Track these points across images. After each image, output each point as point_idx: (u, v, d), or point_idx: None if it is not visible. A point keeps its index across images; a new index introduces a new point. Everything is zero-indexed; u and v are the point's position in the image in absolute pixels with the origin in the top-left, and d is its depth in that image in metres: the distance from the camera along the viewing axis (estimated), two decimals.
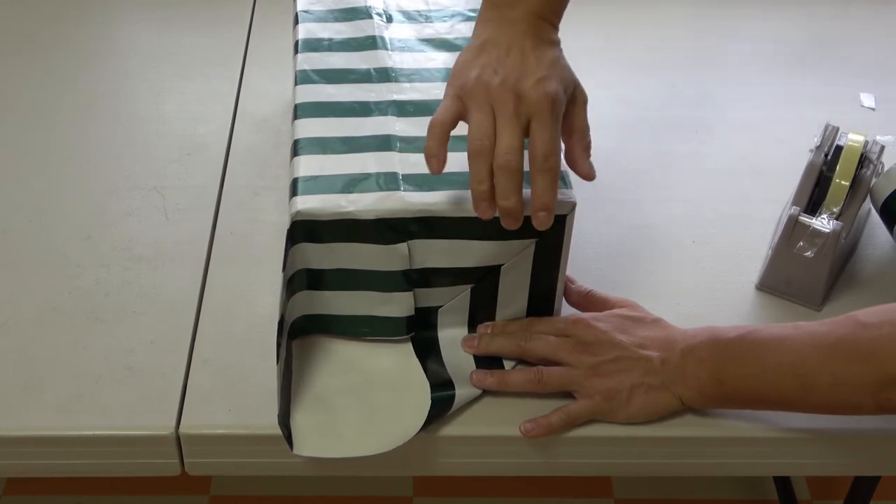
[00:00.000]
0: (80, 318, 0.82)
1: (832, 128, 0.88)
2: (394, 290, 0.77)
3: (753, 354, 0.72)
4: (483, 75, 0.71)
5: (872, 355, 0.68)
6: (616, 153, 1.00)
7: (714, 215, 0.94)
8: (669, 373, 0.74)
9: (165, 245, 0.88)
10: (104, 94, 1.04)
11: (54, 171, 0.95)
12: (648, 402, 0.75)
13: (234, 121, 1.01)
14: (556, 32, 0.76)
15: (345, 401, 0.76)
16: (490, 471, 0.79)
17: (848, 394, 0.69)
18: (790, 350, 0.71)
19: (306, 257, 0.76)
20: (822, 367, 0.69)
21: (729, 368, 0.73)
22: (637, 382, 0.75)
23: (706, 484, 1.59)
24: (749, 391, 0.73)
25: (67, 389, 0.76)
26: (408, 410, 0.75)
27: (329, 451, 0.73)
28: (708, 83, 1.09)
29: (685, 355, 0.74)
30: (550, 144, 0.70)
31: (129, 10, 1.16)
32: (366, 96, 0.84)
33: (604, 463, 0.79)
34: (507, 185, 0.69)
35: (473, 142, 0.70)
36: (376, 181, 0.76)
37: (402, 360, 0.79)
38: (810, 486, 1.60)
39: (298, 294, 0.78)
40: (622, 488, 1.58)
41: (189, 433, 0.75)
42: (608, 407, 0.75)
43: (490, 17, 0.75)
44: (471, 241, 0.75)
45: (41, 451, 0.75)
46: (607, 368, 0.75)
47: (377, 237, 0.74)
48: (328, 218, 0.74)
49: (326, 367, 0.79)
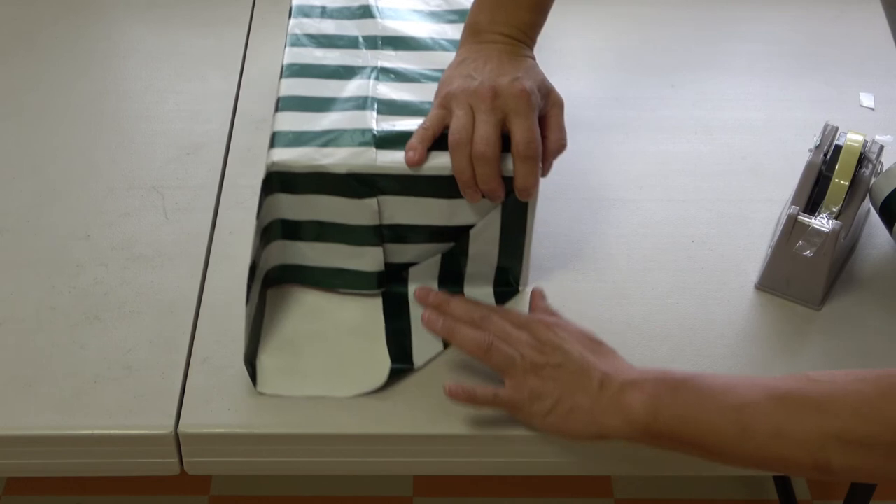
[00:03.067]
0: (79, 318, 0.82)
1: (831, 127, 0.88)
2: (364, 245, 0.81)
3: (698, 395, 0.69)
4: (463, 82, 0.78)
5: (821, 409, 0.64)
6: (615, 153, 1.00)
7: (713, 215, 0.94)
8: (603, 399, 0.71)
9: (165, 244, 0.88)
10: (103, 93, 1.04)
11: (53, 170, 0.95)
12: (568, 419, 0.72)
13: (233, 120, 1.01)
14: (531, 52, 0.84)
15: (312, 346, 0.80)
16: (490, 471, 0.79)
17: (787, 447, 0.65)
18: (737, 395, 0.67)
19: (281, 208, 0.80)
20: (768, 416, 0.66)
21: (667, 403, 0.69)
22: (566, 396, 0.72)
23: (706, 484, 1.59)
24: (683, 429, 0.68)
25: (66, 389, 0.76)
26: (373, 363, 0.78)
27: (291, 391, 0.77)
28: (708, 83, 1.09)
29: (626, 385, 0.71)
30: (530, 132, 0.76)
31: (128, 10, 1.16)
32: (352, 61, 0.88)
33: (604, 463, 0.79)
34: (486, 172, 0.76)
35: (453, 135, 0.76)
36: (351, 137, 0.79)
37: (371, 313, 0.82)
38: (810, 486, 1.60)
39: (274, 243, 0.81)
40: (622, 488, 1.58)
41: (188, 432, 0.75)
42: (529, 408, 0.73)
43: (469, 41, 0.84)
44: (438, 199, 0.79)
45: (40, 451, 0.76)
46: (547, 373, 0.73)
47: (348, 190, 0.78)
48: (301, 170, 0.78)
49: (297, 314, 0.83)
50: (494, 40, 0.82)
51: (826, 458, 0.64)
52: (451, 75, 0.81)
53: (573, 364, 0.73)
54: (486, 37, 0.83)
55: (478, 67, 0.79)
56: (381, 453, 0.77)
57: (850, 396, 0.64)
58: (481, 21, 0.83)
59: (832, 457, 0.64)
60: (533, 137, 0.76)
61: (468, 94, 0.77)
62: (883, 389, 0.64)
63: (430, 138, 0.77)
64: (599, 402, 0.71)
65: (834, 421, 0.64)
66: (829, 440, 0.64)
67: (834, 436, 0.64)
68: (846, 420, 0.64)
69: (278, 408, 0.76)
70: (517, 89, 0.76)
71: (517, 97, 0.76)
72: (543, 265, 0.88)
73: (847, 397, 0.64)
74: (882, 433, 0.63)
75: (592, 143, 1.00)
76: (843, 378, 0.65)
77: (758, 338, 0.83)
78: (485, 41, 0.82)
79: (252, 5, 1.16)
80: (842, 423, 0.64)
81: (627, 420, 0.70)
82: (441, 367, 0.80)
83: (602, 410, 0.70)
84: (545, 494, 1.56)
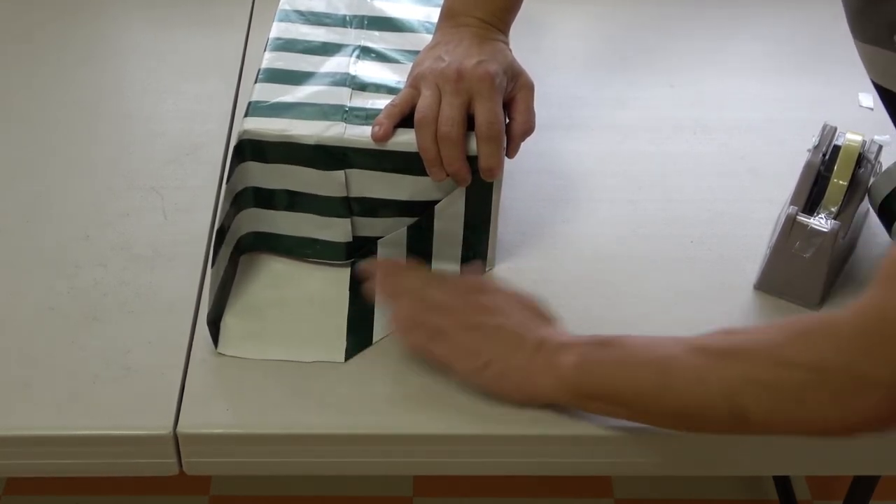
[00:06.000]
0: (78, 318, 0.82)
1: (830, 127, 0.88)
2: (333, 216, 0.83)
3: (622, 351, 0.72)
4: (433, 64, 0.81)
5: (736, 357, 0.66)
6: (615, 153, 1.00)
7: (712, 215, 0.94)
8: (538, 360, 0.74)
9: (164, 245, 0.88)
10: (103, 93, 1.05)
11: (52, 170, 0.95)
12: (501, 379, 0.75)
13: (232, 121, 1.01)
14: (504, 36, 0.86)
15: (276, 312, 0.82)
16: (490, 471, 0.79)
17: (705, 394, 0.67)
18: (659, 350, 0.71)
19: (252, 175, 0.82)
20: (686, 366, 0.68)
21: (595, 360, 0.72)
22: (501, 356, 0.75)
23: (706, 484, 1.59)
24: (609, 386, 0.72)
25: (65, 389, 0.76)
26: (336, 334, 0.81)
27: (251, 354, 0.79)
28: (707, 83, 1.09)
29: (560, 347, 0.74)
30: (492, 114, 0.78)
31: (128, 10, 1.16)
32: (336, 39, 0.90)
33: (604, 463, 0.79)
34: (450, 153, 0.78)
35: (418, 113, 0.78)
36: (323, 111, 0.81)
37: (338, 285, 0.84)
38: (810, 485, 1.60)
39: (247, 211, 0.84)
40: (622, 488, 1.58)
41: (187, 433, 0.75)
42: (464, 365, 0.75)
43: (444, 24, 0.86)
44: (404, 175, 0.81)
45: (39, 451, 0.76)
46: (483, 332, 0.76)
47: (316, 162, 0.80)
48: (272, 139, 0.80)
49: (265, 280, 0.85)
50: (468, 23, 0.84)
51: (741, 404, 0.65)
52: (423, 57, 0.83)
53: (511, 327, 0.76)
54: (460, 20, 0.85)
55: (449, 50, 0.82)
56: (382, 453, 0.77)
57: (761, 343, 0.66)
58: (456, 5, 0.86)
59: (747, 403, 0.65)
60: (495, 119, 0.78)
61: (436, 75, 0.79)
62: (791, 334, 0.65)
63: (397, 115, 0.80)
64: (534, 362, 0.74)
65: (747, 366, 0.65)
66: (744, 385, 0.65)
67: (748, 380, 0.65)
68: (757, 364, 0.65)
69: (277, 408, 0.76)
70: (481, 71, 0.79)
71: (481, 79, 0.78)
72: (543, 265, 0.88)
73: (759, 344, 0.66)
74: (791, 375, 0.63)
75: (591, 142, 1.00)
76: (758, 328, 0.69)
77: None
78: (459, 24, 0.85)
79: (251, 5, 1.16)
80: (753, 367, 0.65)
81: (559, 379, 0.73)
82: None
83: (536, 371, 0.74)
84: (545, 494, 1.57)
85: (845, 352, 0.61)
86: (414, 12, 0.94)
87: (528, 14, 0.89)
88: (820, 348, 0.63)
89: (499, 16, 0.86)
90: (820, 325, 0.64)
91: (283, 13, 0.93)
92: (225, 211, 0.81)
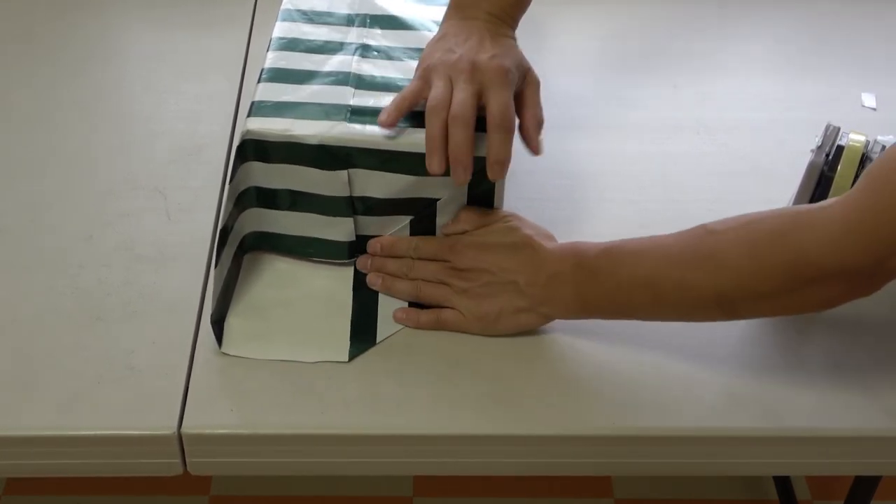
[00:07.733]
0: (82, 318, 0.82)
1: (833, 128, 0.88)
2: (336, 215, 0.83)
3: (610, 271, 0.77)
4: (444, 56, 0.81)
5: (712, 259, 0.72)
6: (616, 153, 1.00)
7: (715, 215, 0.93)
8: (536, 295, 0.79)
9: (167, 245, 0.88)
10: (105, 93, 1.05)
11: (55, 171, 0.95)
12: (516, 322, 0.81)
13: (235, 121, 1.01)
14: (512, 32, 0.86)
15: (279, 312, 0.82)
16: (490, 471, 0.79)
17: (693, 299, 0.74)
18: (643, 262, 0.76)
19: (255, 175, 0.82)
20: (669, 274, 0.74)
21: (590, 288, 0.78)
22: (505, 306, 0.80)
23: (706, 484, 1.59)
24: (610, 305, 0.78)
25: (69, 390, 0.76)
26: (340, 334, 0.81)
27: (255, 354, 0.79)
28: (708, 83, 1.09)
29: (551, 279, 0.79)
30: (504, 105, 0.78)
31: (129, 10, 1.16)
32: (338, 38, 0.90)
33: (604, 463, 0.79)
34: (459, 136, 0.77)
35: (430, 101, 0.78)
36: (326, 111, 0.82)
37: (342, 284, 0.85)
38: (810, 486, 1.60)
39: (250, 210, 0.84)
40: (622, 488, 1.58)
41: (191, 433, 0.75)
42: (478, 326, 0.81)
43: (452, 16, 0.86)
44: (408, 176, 0.81)
45: (42, 452, 0.76)
46: (478, 292, 0.81)
47: (320, 162, 0.80)
48: (275, 139, 0.80)
49: (268, 280, 0.85)
50: (477, 17, 0.84)
51: (729, 301, 0.73)
52: (432, 49, 0.83)
53: (496, 277, 0.80)
54: (469, 13, 0.85)
55: (458, 42, 0.82)
56: (381, 453, 0.77)
57: (742, 245, 0.72)
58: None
59: (735, 298, 0.72)
60: (507, 109, 0.78)
61: (447, 67, 0.79)
62: (769, 235, 0.71)
63: (405, 107, 0.80)
64: (535, 297, 0.79)
65: (724, 270, 0.72)
66: (725, 286, 0.72)
67: (729, 283, 0.72)
68: (743, 273, 0.71)
69: (281, 408, 0.76)
70: (496, 65, 0.79)
71: (494, 72, 0.79)
72: None
73: (740, 248, 0.72)
74: (774, 275, 0.71)
75: (593, 142, 1.00)
76: (736, 228, 0.73)
77: (758, 338, 0.83)
78: (467, 17, 0.85)
79: (254, 5, 1.16)
80: (739, 275, 0.72)
81: (565, 308, 0.80)
82: (438, 363, 0.80)
83: (541, 302, 0.80)
84: (545, 494, 1.57)
85: (826, 244, 0.68)
86: (416, 10, 0.94)
87: (531, 14, 0.89)
88: (801, 244, 0.69)
89: (508, 11, 0.85)
90: (795, 226, 0.70)
91: (286, 12, 0.93)
92: (228, 211, 0.81)
